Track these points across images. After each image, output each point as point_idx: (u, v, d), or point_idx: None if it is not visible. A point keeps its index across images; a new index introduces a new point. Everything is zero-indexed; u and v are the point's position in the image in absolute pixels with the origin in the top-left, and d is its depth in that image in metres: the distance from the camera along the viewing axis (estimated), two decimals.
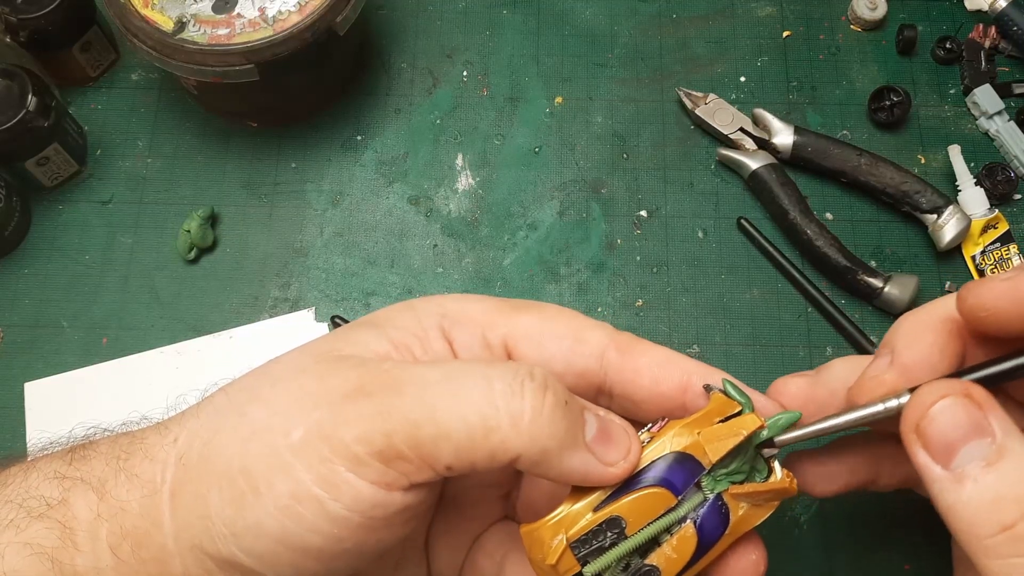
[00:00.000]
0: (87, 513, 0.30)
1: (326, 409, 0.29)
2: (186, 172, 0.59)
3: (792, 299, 0.57)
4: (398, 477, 0.28)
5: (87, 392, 0.53)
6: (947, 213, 0.56)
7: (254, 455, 0.29)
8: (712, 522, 0.31)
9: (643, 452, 0.31)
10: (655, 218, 0.59)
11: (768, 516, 0.32)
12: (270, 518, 0.28)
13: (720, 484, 0.31)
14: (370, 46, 0.63)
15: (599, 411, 0.31)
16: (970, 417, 0.27)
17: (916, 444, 0.28)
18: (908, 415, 0.28)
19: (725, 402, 0.32)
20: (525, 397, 0.28)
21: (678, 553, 0.31)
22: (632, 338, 0.34)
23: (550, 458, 0.29)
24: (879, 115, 0.61)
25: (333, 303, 0.56)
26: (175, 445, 0.31)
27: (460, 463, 0.28)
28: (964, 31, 0.64)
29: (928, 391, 0.28)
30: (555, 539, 0.30)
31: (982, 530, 0.26)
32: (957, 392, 0.27)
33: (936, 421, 0.27)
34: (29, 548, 0.29)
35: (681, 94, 0.61)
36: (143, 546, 0.29)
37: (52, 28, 0.56)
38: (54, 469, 0.31)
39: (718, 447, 0.31)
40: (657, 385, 0.33)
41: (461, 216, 0.59)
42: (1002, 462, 0.26)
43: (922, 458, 0.28)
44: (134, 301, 0.56)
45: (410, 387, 0.29)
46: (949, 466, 0.27)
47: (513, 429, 0.28)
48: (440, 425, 0.28)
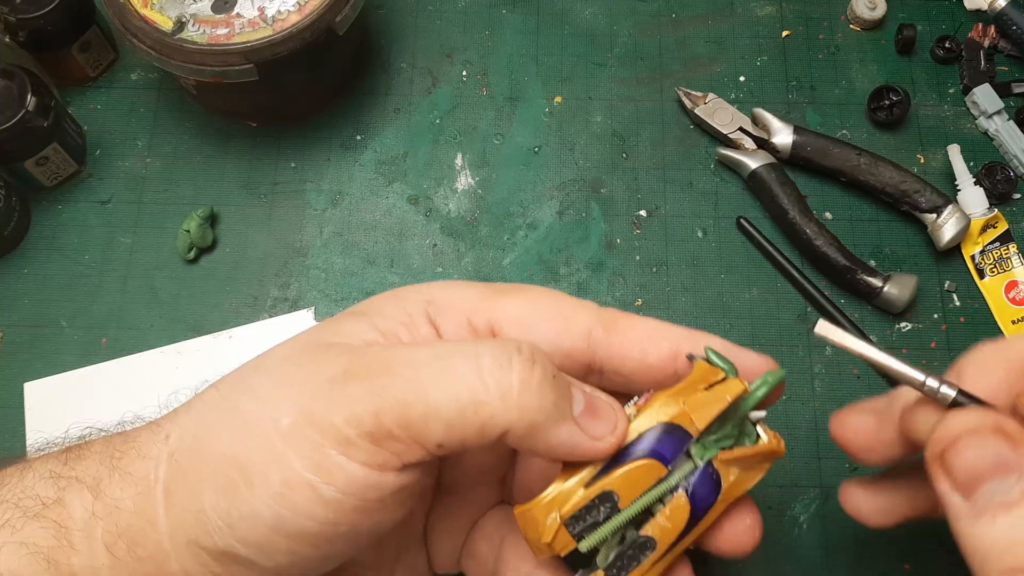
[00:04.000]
0: (82, 512, 0.30)
1: (314, 394, 0.29)
2: (185, 172, 0.59)
3: (791, 298, 0.57)
4: (390, 457, 0.28)
5: (87, 392, 0.53)
6: (946, 212, 0.56)
7: (245, 445, 0.29)
8: (704, 489, 0.31)
9: (630, 425, 0.31)
10: (654, 218, 0.59)
11: (760, 478, 0.33)
12: (264, 507, 0.28)
13: (709, 451, 0.32)
14: (369, 46, 0.63)
15: (585, 387, 0.31)
16: (998, 452, 0.27)
17: (940, 471, 0.28)
18: (935, 441, 0.28)
19: (709, 369, 0.32)
20: (513, 370, 0.28)
21: (672, 522, 0.31)
22: (618, 313, 0.33)
23: (538, 431, 0.29)
24: (878, 114, 0.61)
25: (333, 303, 0.56)
26: (167, 442, 0.31)
27: (450, 440, 0.28)
28: (963, 31, 0.64)
29: (957, 420, 0.28)
30: (549, 517, 0.30)
31: (991, 566, 0.26)
32: (987, 425, 0.27)
33: (962, 453, 0.27)
34: (25, 548, 0.29)
35: (680, 94, 0.61)
36: (139, 544, 0.29)
37: (51, 28, 0.56)
38: (49, 469, 0.31)
39: (703, 414, 0.31)
40: (646, 357, 0.33)
41: (460, 216, 0.59)
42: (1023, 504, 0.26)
43: (944, 485, 0.27)
44: (133, 301, 0.56)
45: (397, 367, 0.29)
46: (970, 498, 0.27)
47: (502, 402, 0.28)
48: (429, 402, 0.28)
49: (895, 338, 0.56)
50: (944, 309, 0.57)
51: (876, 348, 0.31)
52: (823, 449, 0.53)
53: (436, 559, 0.38)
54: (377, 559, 0.36)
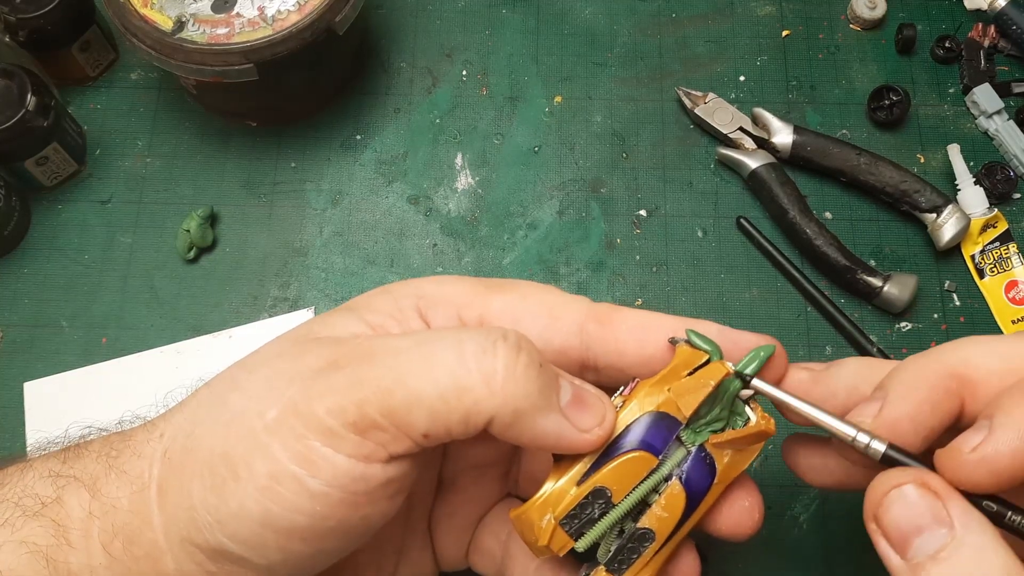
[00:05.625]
0: (80, 511, 0.30)
1: (299, 385, 0.29)
2: (185, 172, 0.59)
3: (791, 298, 0.57)
4: (375, 448, 0.28)
5: (86, 392, 0.53)
6: (946, 212, 0.56)
7: (232, 440, 0.29)
8: (698, 474, 0.31)
9: (617, 417, 0.31)
10: (654, 217, 0.59)
11: (756, 457, 0.32)
12: (252, 501, 0.28)
13: (700, 436, 0.31)
14: (369, 46, 0.63)
15: (573, 379, 0.31)
16: (925, 507, 0.27)
17: (877, 532, 0.28)
18: (867, 502, 0.28)
19: (692, 353, 0.32)
20: (498, 356, 0.28)
21: (669, 511, 0.31)
22: (610, 307, 0.33)
23: (523, 419, 0.28)
24: (878, 114, 0.61)
25: (332, 302, 0.56)
26: (161, 440, 0.31)
27: (435, 429, 0.28)
28: (963, 30, 0.64)
29: (883, 481, 0.28)
30: (544, 519, 0.30)
31: None
32: (911, 481, 0.27)
33: (891, 511, 0.27)
34: (25, 547, 0.29)
35: (680, 93, 0.61)
36: (134, 543, 0.29)
37: (51, 28, 0.56)
38: (49, 468, 0.31)
39: (689, 400, 0.31)
40: (643, 349, 0.32)
41: (460, 215, 0.59)
42: (954, 557, 0.26)
43: (882, 547, 0.28)
44: (133, 301, 0.56)
45: (381, 356, 0.29)
46: (906, 556, 0.27)
47: (486, 388, 0.28)
48: (412, 389, 0.28)
49: (895, 338, 0.56)
50: (944, 309, 0.57)
51: (807, 404, 0.31)
52: None
53: (442, 555, 0.38)
54: (376, 557, 0.36)
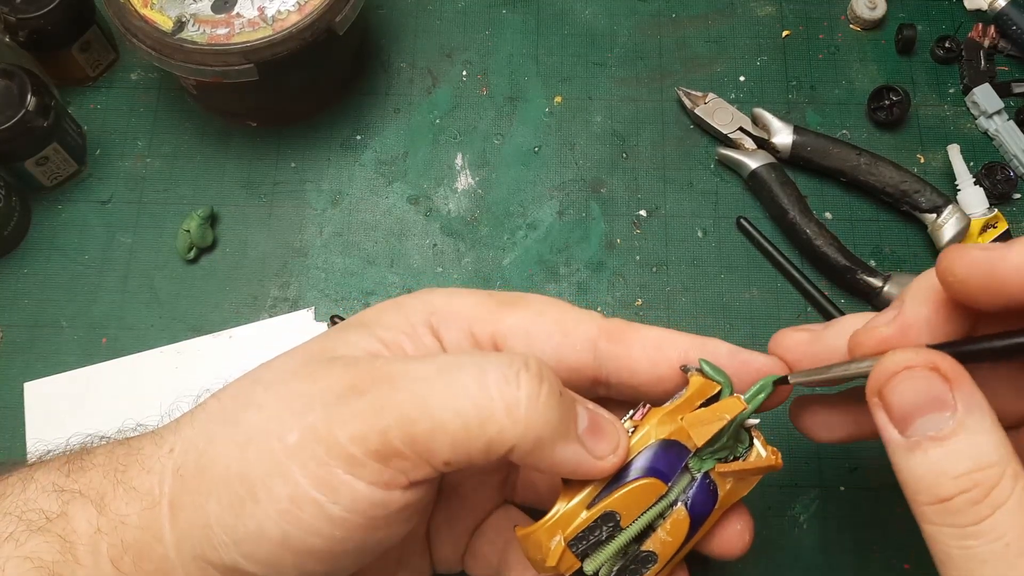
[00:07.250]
0: (87, 527, 0.30)
1: (320, 410, 0.29)
2: (185, 172, 0.59)
3: (791, 298, 0.57)
4: (396, 475, 0.28)
5: (87, 392, 0.53)
6: (946, 212, 0.56)
7: (251, 461, 0.29)
8: (702, 500, 0.32)
9: (630, 443, 0.31)
10: (654, 218, 0.59)
11: (754, 486, 0.33)
12: (270, 523, 0.28)
13: (706, 463, 0.32)
14: (369, 46, 0.63)
15: (588, 404, 0.31)
16: (931, 389, 0.27)
17: (878, 406, 0.28)
18: (873, 379, 0.29)
19: (704, 383, 0.32)
20: (521, 386, 0.28)
21: (673, 536, 0.31)
22: (623, 324, 0.33)
23: (544, 448, 0.29)
24: (878, 114, 0.61)
25: (332, 303, 0.56)
26: (171, 456, 0.31)
27: (457, 457, 0.28)
28: (963, 30, 0.64)
29: (893, 359, 0.28)
30: (553, 540, 0.30)
31: (921, 497, 0.27)
32: (922, 362, 0.28)
33: (897, 389, 0.28)
34: (30, 562, 0.29)
35: (680, 93, 0.61)
36: (145, 559, 0.29)
37: (51, 28, 0.56)
38: (52, 481, 0.31)
39: (702, 432, 0.31)
40: (656, 368, 0.33)
41: (460, 216, 0.59)
42: (953, 439, 0.27)
43: (882, 419, 0.28)
44: (133, 301, 0.56)
45: (403, 382, 0.29)
46: (905, 433, 0.27)
47: (509, 418, 0.28)
48: (435, 418, 0.28)
49: None
50: None
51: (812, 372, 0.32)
52: (823, 449, 0.53)
53: (439, 560, 0.38)
54: (378, 566, 0.36)
